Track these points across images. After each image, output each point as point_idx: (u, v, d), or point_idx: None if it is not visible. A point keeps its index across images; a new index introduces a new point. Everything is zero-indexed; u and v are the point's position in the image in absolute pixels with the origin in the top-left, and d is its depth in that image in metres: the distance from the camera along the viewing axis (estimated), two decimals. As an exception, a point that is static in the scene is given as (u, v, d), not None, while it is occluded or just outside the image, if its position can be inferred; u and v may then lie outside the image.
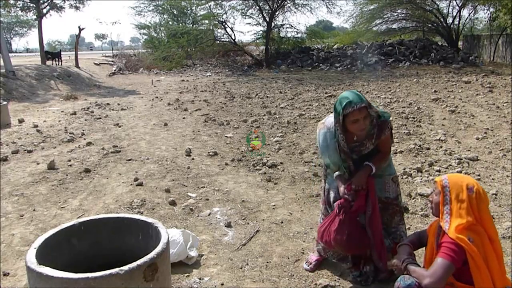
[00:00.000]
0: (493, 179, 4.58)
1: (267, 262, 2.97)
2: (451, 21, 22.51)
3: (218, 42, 24.32)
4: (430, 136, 6.46)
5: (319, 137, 2.62)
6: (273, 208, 3.93)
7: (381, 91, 11.33)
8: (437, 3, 22.45)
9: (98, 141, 6.63)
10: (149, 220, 2.18)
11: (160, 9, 28.77)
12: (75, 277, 1.64)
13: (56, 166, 5.27)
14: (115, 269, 1.68)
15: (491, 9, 22.23)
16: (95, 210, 3.96)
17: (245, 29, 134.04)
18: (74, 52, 20.84)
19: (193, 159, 5.60)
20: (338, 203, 2.53)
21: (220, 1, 23.93)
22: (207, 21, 25.06)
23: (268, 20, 23.36)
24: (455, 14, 22.50)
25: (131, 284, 1.72)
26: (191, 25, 27.49)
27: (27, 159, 5.71)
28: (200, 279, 2.76)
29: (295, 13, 37.24)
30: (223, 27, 24.01)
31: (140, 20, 36.87)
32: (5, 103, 8.49)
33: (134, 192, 4.37)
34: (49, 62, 19.28)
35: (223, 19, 23.76)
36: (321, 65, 20.62)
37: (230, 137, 6.84)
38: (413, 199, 4.07)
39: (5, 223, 3.67)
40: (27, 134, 7.30)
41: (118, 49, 33.22)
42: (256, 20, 24.48)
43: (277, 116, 8.33)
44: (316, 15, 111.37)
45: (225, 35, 24.51)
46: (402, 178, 4.63)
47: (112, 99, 12.16)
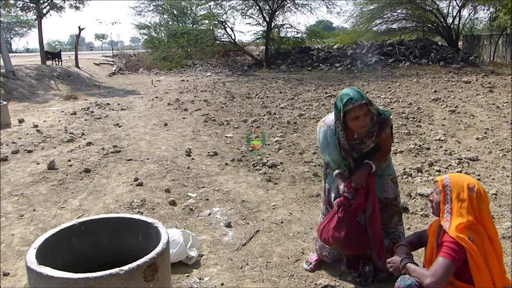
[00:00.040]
0: (493, 179, 4.58)
1: (267, 262, 2.97)
2: (451, 21, 22.54)
3: (218, 42, 24.33)
4: (430, 136, 6.46)
5: (319, 134, 2.62)
6: (273, 208, 3.93)
7: (381, 91, 11.33)
8: (437, 3, 22.48)
9: (98, 141, 6.63)
10: (149, 220, 2.18)
11: (160, 9, 28.79)
12: (75, 277, 1.64)
13: (56, 166, 5.27)
14: (115, 269, 1.69)
15: (491, 9, 22.25)
16: (95, 210, 3.96)
17: (245, 29, 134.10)
18: (74, 52, 20.85)
19: (193, 159, 5.60)
20: (337, 201, 2.53)
21: (220, 1, 23.96)
22: (207, 21, 25.08)
23: (268, 20, 23.36)
24: (455, 14, 22.56)
25: (131, 284, 1.72)
26: (191, 25, 27.50)
27: (27, 159, 5.71)
28: (200, 279, 2.76)
29: (295, 13, 37.36)
30: (223, 27, 24.05)
31: (140, 20, 36.95)
32: (5, 103, 8.50)
33: (134, 192, 4.37)
34: (49, 62, 19.28)
35: (223, 19, 23.81)
36: (321, 65, 20.62)
37: (230, 137, 6.84)
38: (413, 199, 4.07)
39: (5, 223, 3.67)
40: (27, 134, 7.30)
41: (118, 49, 33.24)
42: (256, 20, 24.55)
43: (277, 116, 8.33)
44: (316, 15, 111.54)
45: (225, 35, 24.56)
46: (402, 178, 4.63)
47: (112, 99, 12.17)
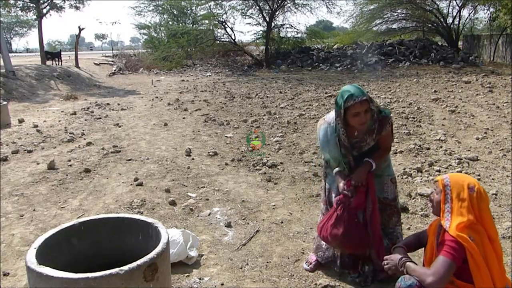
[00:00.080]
0: (493, 179, 4.58)
1: (267, 262, 2.96)
2: (451, 21, 22.55)
3: (218, 42, 24.33)
4: (430, 136, 6.46)
5: (320, 132, 2.61)
6: (273, 208, 3.93)
7: (381, 91, 11.33)
8: (437, 3, 22.49)
9: (98, 141, 6.63)
10: (149, 220, 2.18)
11: (160, 9, 28.79)
12: (75, 277, 1.64)
13: (56, 166, 5.27)
14: (115, 269, 1.68)
15: (491, 9, 22.26)
16: (95, 210, 3.96)
17: (245, 29, 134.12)
18: (74, 52, 20.85)
19: (193, 159, 5.60)
20: (337, 199, 2.52)
21: (220, 1, 23.98)
22: (207, 21, 25.09)
23: (268, 20, 23.37)
24: (455, 14, 22.57)
25: (131, 284, 1.72)
26: (191, 25, 27.50)
27: (27, 159, 5.71)
28: (200, 279, 2.76)
29: (295, 13, 37.36)
30: (223, 27, 24.06)
31: (140, 20, 36.97)
32: (5, 103, 8.50)
33: (134, 192, 4.37)
34: (49, 62, 19.28)
35: (223, 19, 23.81)
36: (321, 65, 20.63)
37: (230, 137, 6.84)
38: (413, 199, 4.06)
39: (5, 223, 3.67)
40: (27, 134, 7.30)
41: (118, 49, 33.24)
42: (256, 20, 24.57)
43: (277, 116, 8.33)
44: (316, 15, 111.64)
45: (225, 35, 24.57)
46: (402, 178, 4.63)
47: (112, 99, 12.17)
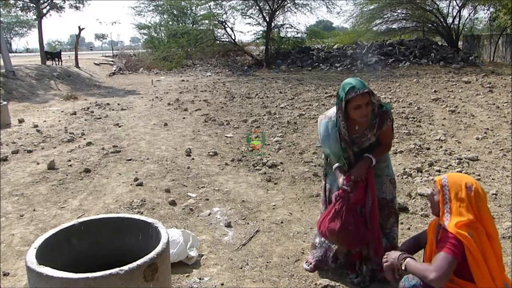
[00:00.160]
0: (493, 179, 4.57)
1: (267, 262, 2.96)
2: (451, 21, 22.56)
3: (218, 42, 24.34)
4: (430, 136, 6.46)
5: (320, 127, 2.61)
6: (273, 208, 3.93)
7: (381, 91, 11.33)
8: (437, 3, 22.50)
9: (98, 141, 6.63)
10: (149, 220, 2.18)
11: (160, 9, 28.79)
12: (75, 277, 1.64)
13: (56, 166, 5.27)
14: (115, 269, 1.68)
15: (491, 9, 22.27)
16: (95, 210, 3.96)
17: (245, 29, 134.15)
18: (74, 52, 20.86)
19: (193, 159, 5.60)
20: (336, 194, 2.50)
21: (220, 1, 23.99)
22: (207, 21, 25.09)
23: (268, 20, 23.38)
24: (455, 14, 22.59)
25: (131, 284, 1.72)
26: (191, 25, 27.50)
27: (27, 159, 5.71)
28: (200, 279, 2.76)
29: (295, 13, 37.32)
30: (223, 27, 24.07)
31: (140, 20, 36.96)
32: (5, 103, 8.50)
33: (134, 192, 4.37)
34: (49, 62, 19.28)
35: (223, 19, 23.82)
36: (321, 65, 20.63)
37: (230, 137, 6.84)
38: (413, 199, 4.06)
39: (5, 223, 3.67)
40: (27, 134, 7.30)
41: (118, 49, 33.25)
42: (256, 20, 24.58)
43: (277, 116, 8.33)
44: (316, 15, 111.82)
45: (225, 35, 24.58)
46: (402, 178, 4.63)
47: (112, 99, 12.17)
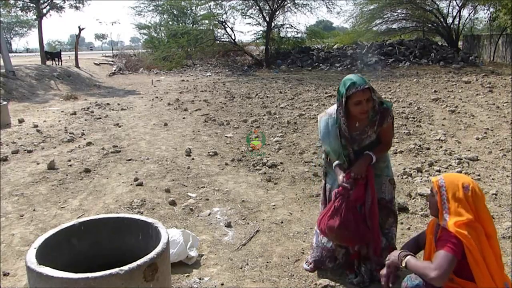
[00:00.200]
0: (493, 179, 4.57)
1: (267, 262, 2.96)
2: (451, 21, 22.57)
3: (218, 42, 24.34)
4: (430, 136, 6.46)
5: (321, 124, 2.61)
6: (273, 208, 3.93)
7: (381, 91, 11.33)
8: (437, 3, 22.51)
9: (98, 141, 6.63)
10: (149, 220, 2.18)
11: (160, 9, 28.80)
12: (75, 277, 1.64)
13: (56, 166, 5.27)
14: (115, 269, 1.68)
15: (491, 9, 22.27)
16: (95, 210, 3.96)
17: (245, 29, 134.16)
18: (74, 52, 20.86)
19: (193, 159, 5.60)
20: (335, 191, 2.49)
21: (220, 1, 23.99)
22: (207, 21, 25.10)
23: (268, 20, 23.38)
24: (455, 14, 22.60)
25: (131, 284, 1.72)
26: (191, 25, 27.50)
27: (27, 159, 5.71)
28: (200, 279, 2.76)
29: (295, 13, 37.32)
30: (223, 27, 24.07)
31: (140, 20, 36.97)
32: (5, 103, 8.50)
33: (134, 192, 4.37)
34: (49, 62, 19.28)
35: (223, 19, 23.83)
36: (321, 65, 20.63)
37: (230, 137, 6.84)
38: (413, 199, 4.06)
39: (5, 223, 3.67)
40: (27, 134, 7.30)
41: (118, 49, 33.26)
42: (256, 20, 24.58)
43: (277, 116, 8.33)
44: (316, 15, 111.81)
45: (225, 35, 24.59)
46: (402, 178, 4.63)
47: (112, 99, 12.17)
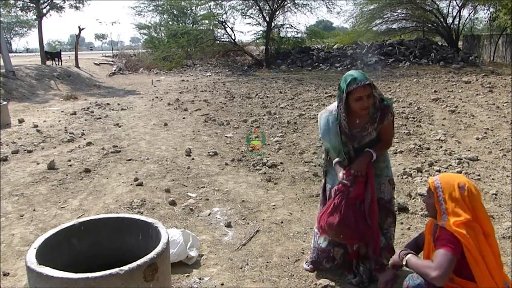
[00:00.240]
0: (493, 179, 4.57)
1: (267, 262, 2.96)
2: (451, 21, 22.57)
3: (218, 42, 24.34)
4: (430, 136, 6.46)
5: (321, 121, 2.60)
6: (273, 208, 3.93)
7: (381, 91, 11.32)
8: (437, 3, 22.51)
9: (98, 141, 6.63)
10: (149, 220, 2.18)
11: (160, 9, 28.79)
12: (75, 277, 1.64)
13: (56, 166, 5.27)
14: (115, 269, 1.68)
15: (491, 9, 22.28)
16: (95, 210, 3.96)
17: (245, 29, 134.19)
18: (74, 52, 20.86)
19: (193, 159, 5.60)
20: (335, 188, 2.48)
21: (220, 1, 23.98)
22: (207, 21, 25.10)
23: (268, 20, 23.38)
24: (455, 14, 22.60)
25: (131, 284, 1.72)
26: (191, 25, 27.51)
27: (27, 159, 5.71)
28: (200, 279, 2.76)
29: (295, 13, 37.27)
30: (223, 27, 24.07)
31: (140, 20, 36.96)
32: (5, 103, 8.50)
33: (134, 192, 4.37)
34: (49, 62, 19.28)
35: (223, 19, 23.83)
36: (321, 65, 20.63)
37: (230, 137, 6.84)
38: (413, 199, 4.06)
39: (5, 223, 3.67)
40: (27, 134, 7.30)
41: (118, 49, 33.26)
42: (256, 20, 24.58)
43: (277, 116, 8.33)
44: (316, 15, 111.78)
45: (225, 35, 24.58)
46: (402, 178, 4.63)
47: (112, 99, 12.17)
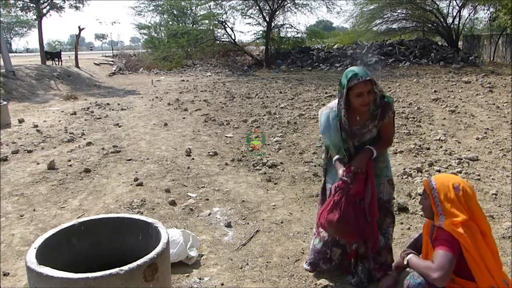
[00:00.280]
0: (493, 179, 4.57)
1: (267, 262, 2.96)
2: (451, 21, 22.58)
3: (218, 42, 24.34)
4: (430, 136, 6.46)
5: (321, 117, 2.59)
6: (273, 208, 3.93)
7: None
8: (437, 3, 22.52)
9: (98, 141, 6.63)
10: (149, 220, 2.18)
11: (160, 9, 28.79)
12: (75, 277, 1.64)
13: (56, 166, 5.27)
14: (115, 269, 1.69)
15: (491, 9, 22.28)
16: (95, 210, 3.96)
17: (245, 29, 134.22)
18: (74, 52, 20.86)
19: (193, 159, 5.60)
20: (335, 185, 2.47)
21: (220, 1, 23.98)
22: (207, 21, 25.10)
23: (268, 20, 23.38)
24: (455, 14, 22.60)
25: (131, 284, 1.72)
26: (191, 25, 27.50)
27: (27, 159, 5.71)
28: (200, 279, 2.76)
29: (295, 13, 37.21)
30: (223, 27, 24.07)
31: (140, 20, 36.97)
32: (5, 103, 8.50)
33: (134, 192, 4.37)
34: (49, 62, 19.28)
35: (223, 19, 23.83)
36: (321, 65, 20.64)
37: (230, 137, 6.84)
38: (413, 199, 4.06)
39: (5, 223, 3.67)
40: (27, 134, 7.30)
41: (118, 49, 33.25)
42: (256, 20, 24.58)
43: (277, 116, 8.33)
44: (316, 15, 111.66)
45: (225, 35, 24.58)
46: (402, 178, 4.63)
47: (112, 99, 12.17)
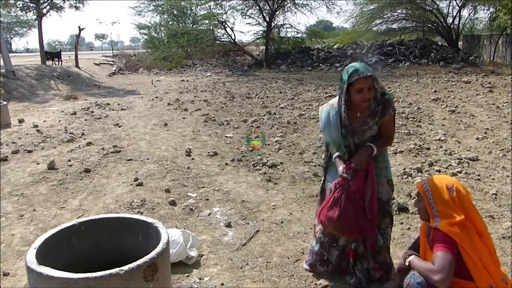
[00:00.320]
0: (493, 179, 4.58)
1: (267, 262, 2.96)
2: (451, 21, 22.58)
3: (218, 42, 24.34)
4: (430, 136, 6.46)
5: (322, 114, 2.59)
6: (273, 208, 3.93)
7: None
8: (437, 3, 22.52)
9: (98, 141, 6.63)
10: (149, 220, 2.18)
11: (160, 9, 28.79)
12: (75, 277, 1.64)
13: (56, 166, 5.27)
14: (115, 269, 1.68)
15: (491, 9, 22.28)
16: (95, 210, 3.96)
17: (245, 29, 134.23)
18: (74, 52, 20.86)
19: (193, 159, 5.60)
20: (335, 182, 2.47)
21: (220, 1, 23.98)
22: (207, 21, 25.10)
23: (268, 20, 23.38)
24: (455, 14, 22.61)
25: (131, 284, 1.72)
26: (191, 25, 27.50)
27: (27, 159, 5.71)
28: (200, 279, 2.76)
29: (295, 13, 37.19)
30: (223, 27, 24.07)
31: (140, 20, 36.94)
32: (5, 103, 8.50)
33: (134, 192, 4.37)
34: (49, 62, 19.28)
35: (223, 19, 23.83)
36: (321, 65, 20.63)
37: (230, 137, 6.84)
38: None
39: (5, 223, 3.67)
40: (27, 134, 7.30)
41: (118, 49, 33.26)
42: (256, 20, 24.58)
43: (277, 116, 8.33)
44: (316, 15, 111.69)
45: (225, 35, 24.59)
46: (402, 178, 4.63)
47: (112, 99, 12.17)
